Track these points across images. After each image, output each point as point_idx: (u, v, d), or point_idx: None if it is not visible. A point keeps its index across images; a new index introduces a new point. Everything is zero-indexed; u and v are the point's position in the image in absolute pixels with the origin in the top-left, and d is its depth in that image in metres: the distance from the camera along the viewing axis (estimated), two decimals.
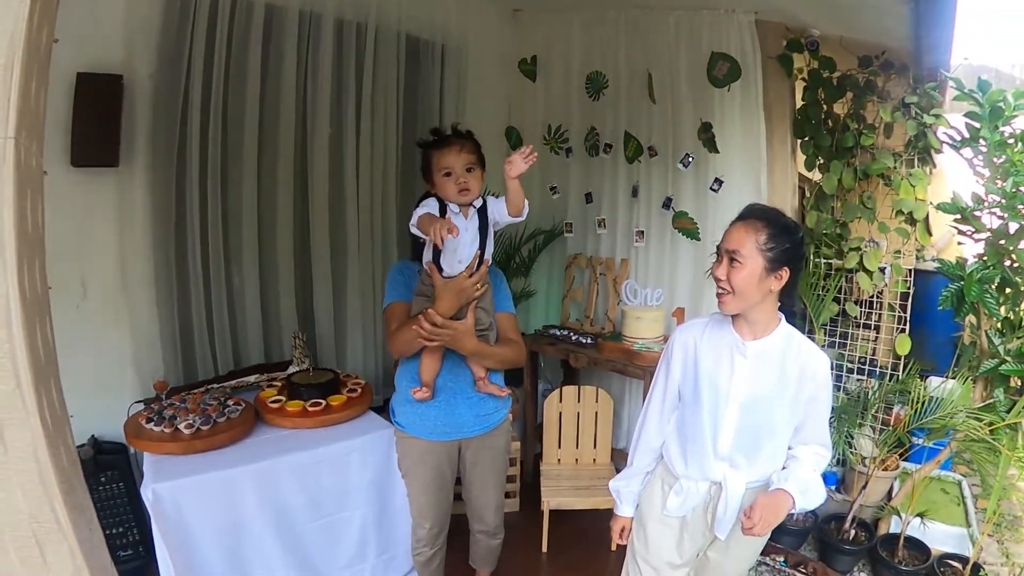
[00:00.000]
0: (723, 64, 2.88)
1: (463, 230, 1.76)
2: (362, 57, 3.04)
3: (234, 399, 2.39)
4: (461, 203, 1.80)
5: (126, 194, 2.44)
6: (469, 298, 1.81)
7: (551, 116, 3.59)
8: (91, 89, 2.24)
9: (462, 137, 1.82)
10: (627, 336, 3.03)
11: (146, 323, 2.54)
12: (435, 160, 1.79)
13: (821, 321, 2.88)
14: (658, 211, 3.23)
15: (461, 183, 1.77)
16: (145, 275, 2.52)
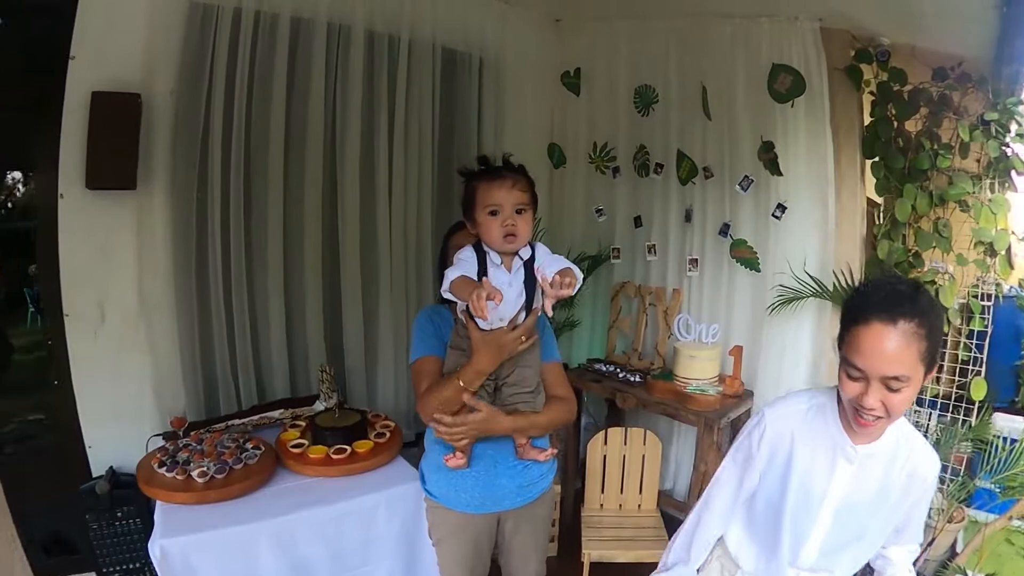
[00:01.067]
0: (785, 77, 2.72)
1: (505, 285, 1.57)
2: (394, 71, 2.96)
3: (254, 440, 2.30)
4: (505, 251, 1.60)
5: (144, 218, 2.40)
6: (512, 353, 1.63)
7: (597, 132, 3.48)
8: (107, 108, 2.21)
9: (515, 171, 1.62)
10: (679, 376, 2.87)
11: (166, 352, 2.50)
12: (480, 194, 1.59)
13: None
14: (714, 238, 3.07)
15: (508, 226, 1.56)
16: (165, 302, 2.48)
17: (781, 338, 2.85)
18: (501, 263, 1.60)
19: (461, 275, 1.56)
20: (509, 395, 1.69)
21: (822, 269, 2.76)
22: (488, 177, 1.59)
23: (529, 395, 1.70)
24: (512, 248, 1.59)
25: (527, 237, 1.61)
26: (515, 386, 1.68)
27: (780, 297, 2.75)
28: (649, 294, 3.31)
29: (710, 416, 2.65)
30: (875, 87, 2.71)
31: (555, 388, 1.81)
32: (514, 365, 1.67)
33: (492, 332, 1.60)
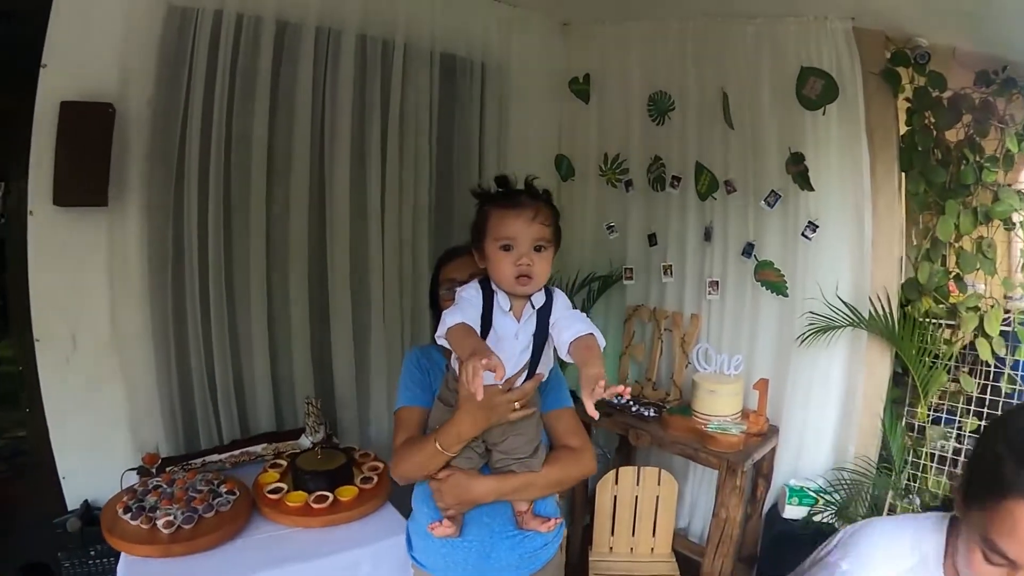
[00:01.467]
0: (816, 81, 2.52)
1: (510, 337, 1.36)
2: (388, 79, 2.80)
3: (229, 483, 2.12)
4: (516, 294, 1.37)
5: (117, 238, 2.27)
6: (503, 420, 1.39)
7: (607, 143, 3.30)
8: (76, 119, 2.09)
9: (537, 199, 1.36)
10: (698, 412, 2.67)
11: (142, 382, 2.37)
12: (493, 223, 1.35)
13: (929, 396, 2.46)
14: (736, 259, 2.88)
15: (523, 265, 1.32)
16: (140, 328, 2.35)
17: (810, 370, 2.65)
18: (510, 309, 1.38)
19: (461, 323, 1.31)
20: (498, 459, 1.46)
21: (856, 294, 2.57)
22: (504, 203, 1.35)
23: (522, 460, 1.46)
24: (525, 292, 1.36)
25: (544, 280, 1.37)
26: (506, 453, 1.45)
27: (812, 326, 2.55)
28: (665, 319, 3.12)
29: (733, 458, 2.44)
30: (911, 93, 2.51)
31: (566, 436, 1.56)
32: (506, 432, 1.43)
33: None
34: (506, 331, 1.36)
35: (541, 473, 1.46)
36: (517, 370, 1.38)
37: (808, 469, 2.71)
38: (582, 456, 1.55)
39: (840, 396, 2.65)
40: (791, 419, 2.71)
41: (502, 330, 1.36)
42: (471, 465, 1.43)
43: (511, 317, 1.37)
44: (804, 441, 2.72)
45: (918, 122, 2.50)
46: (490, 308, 1.37)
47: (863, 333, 2.55)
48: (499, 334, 1.36)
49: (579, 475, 1.58)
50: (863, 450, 2.61)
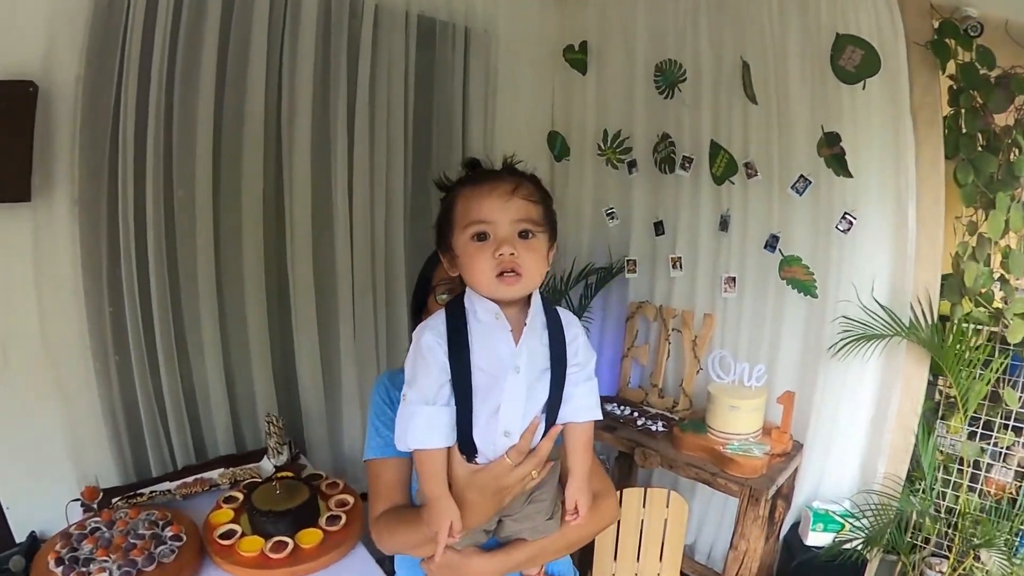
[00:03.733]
0: (854, 51, 2.27)
1: (506, 372, 1.04)
2: (356, 44, 2.56)
3: (175, 525, 1.89)
4: (502, 298, 1.05)
5: (44, 237, 2.04)
6: (518, 495, 1.13)
7: (608, 119, 3.08)
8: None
9: (516, 174, 1.09)
10: (714, 429, 2.46)
11: (81, 399, 2.17)
12: (460, 208, 1.06)
13: (967, 407, 2.28)
14: (757, 252, 2.65)
15: (503, 256, 1.01)
16: (75, 340, 2.15)
17: (841, 382, 2.44)
18: (502, 318, 1.04)
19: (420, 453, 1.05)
20: (509, 530, 1.19)
21: (894, 297, 2.35)
22: (473, 181, 1.07)
23: (537, 527, 1.19)
24: (512, 294, 1.03)
25: (537, 277, 1.05)
26: (523, 520, 1.17)
27: (846, 333, 2.33)
28: (673, 318, 2.90)
29: (757, 485, 2.23)
30: (954, 70, 2.28)
31: None
32: (524, 502, 1.15)
33: (486, 468, 1.08)
34: (499, 362, 1.03)
35: (556, 535, 1.19)
36: (527, 423, 1.06)
37: (832, 490, 2.53)
38: (603, 504, 1.27)
39: (871, 410, 2.46)
40: (817, 436, 2.52)
41: (491, 363, 1.03)
42: (473, 542, 1.16)
43: (505, 337, 1.03)
44: (829, 459, 2.53)
45: (965, 102, 2.26)
46: (463, 338, 1.03)
47: (902, 342, 2.34)
48: (487, 372, 1.03)
49: (602, 528, 1.32)
50: (893, 469, 2.43)
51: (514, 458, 1.05)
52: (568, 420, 1.08)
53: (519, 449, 1.05)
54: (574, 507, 1.10)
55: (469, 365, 1.02)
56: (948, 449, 2.40)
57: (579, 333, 1.11)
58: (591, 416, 1.10)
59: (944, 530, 2.35)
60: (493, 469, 1.06)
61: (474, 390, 1.02)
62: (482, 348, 1.03)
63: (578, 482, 1.10)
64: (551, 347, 1.06)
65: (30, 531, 2.02)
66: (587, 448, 1.12)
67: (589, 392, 1.10)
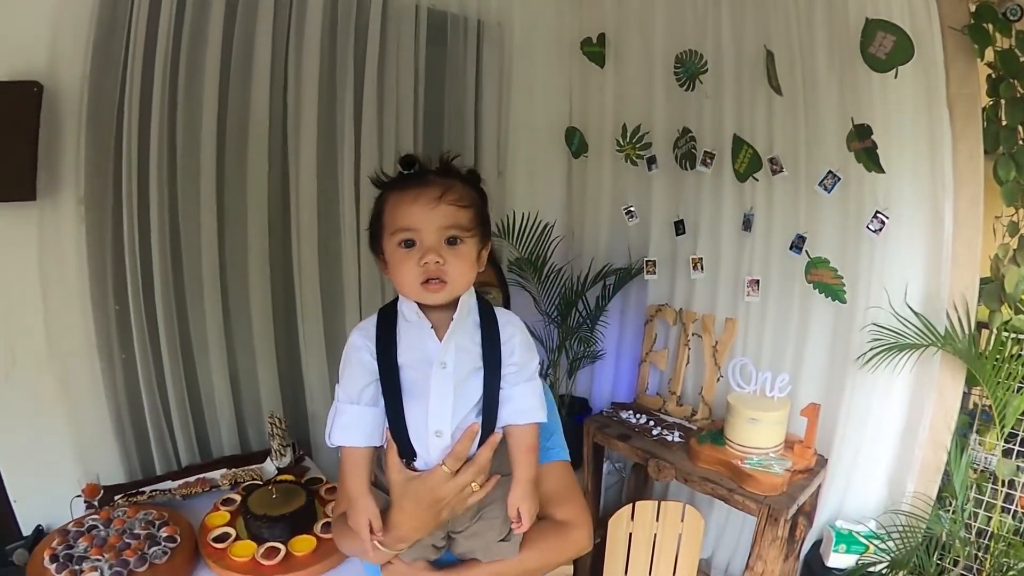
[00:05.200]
0: (885, 37, 2.13)
1: (431, 367, 1.03)
2: (363, 39, 2.53)
3: (170, 527, 1.89)
4: (428, 304, 1.05)
5: (49, 237, 2.07)
6: (459, 511, 1.09)
7: (626, 113, 3.00)
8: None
9: (446, 175, 1.06)
10: (733, 442, 2.35)
11: (86, 401, 2.19)
12: (388, 212, 1.05)
13: (1004, 423, 2.13)
14: (782, 253, 2.54)
15: (428, 264, 1.00)
16: (81, 338, 2.17)
17: (869, 394, 2.31)
18: (422, 316, 1.04)
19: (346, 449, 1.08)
20: (462, 547, 1.14)
21: (929, 303, 2.21)
22: (401, 186, 1.04)
23: (490, 548, 1.14)
24: (436, 300, 1.03)
25: (463, 283, 1.05)
26: (473, 537, 1.13)
27: (877, 341, 2.19)
28: (693, 322, 2.81)
29: (776, 504, 2.11)
30: (992, 58, 2.14)
31: (553, 504, 1.22)
32: (472, 518, 1.12)
33: (421, 477, 1.05)
34: (424, 359, 1.03)
35: (513, 561, 1.14)
36: (459, 423, 1.04)
37: (857, 509, 2.40)
38: (572, 534, 1.21)
39: (901, 424, 2.32)
40: (842, 451, 2.38)
41: (417, 360, 1.03)
42: (421, 556, 1.12)
43: (428, 334, 1.03)
44: (855, 476, 2.40)
45: (1006, 92, 2.11)
46: (391, 339, 1.05)
47: (936, 353, 2.19)
48: (414, 368, 1.03)
49: (566, 559, 1.25)
50: (923, 487, 2.29)
51: (450, 465, 1.03)
52: (508, 422, 1.07)
53: (455, 455, 1.04)
54: (516, 515, 1.08)
55: (396, 363, 1.04)
56: (982, 466, 2.26)
57: (515, 332, 1.09)
58: (532, 418, 1.08)
59: (975, 553, 2.21)
60: (429, 478, 1.04)
61: (404, 389, 1.03)
62: (408, 346, 1.04)
63: (521, 488, 1.08)
64: (483, 345, 1.07)
65: (36, 525, 2.05)
66: (529, 452, 1.09)
67: (530, 393, 1.09)
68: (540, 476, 1.18)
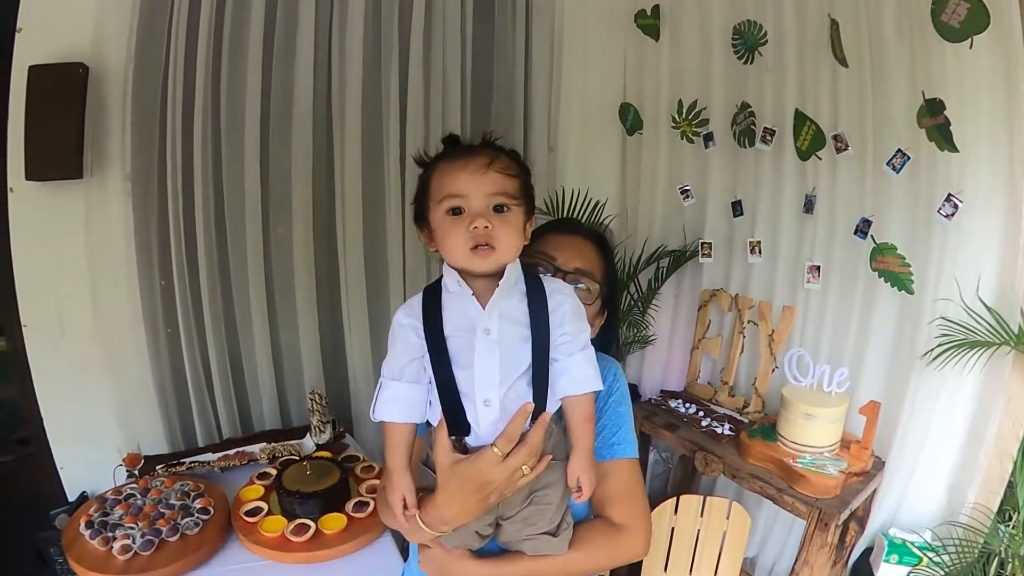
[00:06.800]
0: (959, 4, 1.96)
1: (474, 334, 1.03)
2: (408, 14, 2.55)
3: (204, 498, 1.98)
4: (474, 271, 1.06)
5: (95, 213, 2.20)
6: (508, 494, 1.08)
7: (682, 88, 2.89)
8: (46, 84, 2.03)
9: (493, 148, 1.11)
10: (786, 438, 2.27)
11: (130, 372, 2.33)
12: (435, 183, 1.09)
13: None
14: (846, 238, 2.40)
15: (477, 229, 1.02)
16: (126, 312, 2.30)
17: (935, 394, 2.17)
18: (463, 284, 1.06)
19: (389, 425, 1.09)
20: (508, 534, 1.14)
21: (1002, 297, 2.05)
22: (449, 156, 1.09)
23: (544, 536, 1.13)
24: (485, 268, 1.04)
25: (512, 250, 1.07)
26: (522, 523, 1.12)
27: (946, 337, 2.05)
28: (749, 308, 2.71)
29: (827, 507, 2.03)
30: None
31: (610, 505, 1.21)
32: (523, 502, 1.12)
33: (469, 459, 1.05)
34: (468, 325, 1.03)
35: (559, 559, 1.13)
36: (506, 392, 1.03)
37: (912, 517, 2.28)
38: (626, 539, 1.20)
39: (966, 429, 2.18)
40: (901, 454, 2.26)
41: (461, 328, 1.04)
42: (464, 544, 1.13)
43: (470, 300, 1.04)
44: (912, 482, 2.27)
45: None
46: (437, 310, 1.07)
47: (1009, 351, 2.03)
48: (459, 336, 1.04)
49: (615, 565, 1.23)
50: (984, 499, 2.14)
51: (501, 447, 1.02)
52: (565, 394, 1.07)
53: (506, 436, 1.03)
54: (576, 485, 1.08)
55: (443, 335, 1.05)
56: None
57: (564, 300, 1.09)
58: (588, 387, 1.07)
59: None
60: (477, 461, 1.04)
61: (452, 359, 1.04)
62: (453, 315, 1.05)
63: (580, 457, 1.08)
64: (531, 315, 1.06)
65: (81, 492, 2.18)
66: (587, 421, 1.09)
67: (585, 362, 1.07)
68: (602, 473, 1.18)
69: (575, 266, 1.28)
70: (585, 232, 1.37)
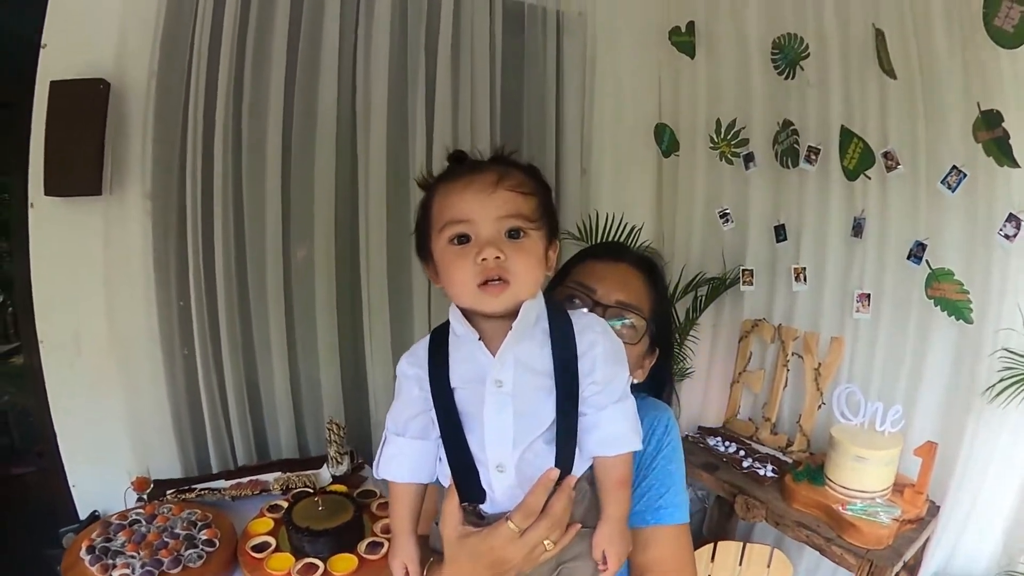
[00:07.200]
0: (1012, 7, 1.86)
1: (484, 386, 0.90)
2: (435, 30, 2.54)
3: (211, 529, 1.92)
4: (484, 311, 0.92)
5: (114, 231, 2.22)
6: (521, 574, 0.94)
7: (720, 106, 2.83)
8: (66, 100, 2.06)
9: (503, 163, 0.96)
10: (834, 483, 2.13)
11: (145, 393, 2.32)
12: (436, 207, 0.95)
13: None
14: (899, 264, 2.28)
15: (487, 261, 0.88)
16: (145, 331, 2.30)
17: (994, 433, 2.01)
18: (467, 325, 0.92)
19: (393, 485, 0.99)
20: None
21: None
22: (452, 175, 0.94)
23: None
24: (496, 308, 0.90)
25: (531, 284, 0.92)
26: None
27: (1009, 371, 1.90)
28: (794, 340, 2.58)
29: (879, 559, 1.88)
30: None
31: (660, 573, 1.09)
32: (551, 572, 0.97)
33: (480, 533, 0.92)
34: (475, 376, 0.91)
35: None
36: (522, 455, 0.90)
37: (966, 567, 2.13)
38: None
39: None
40: (958, 500, 2.10)
41: (467, 380, 0.91)
42: None
43: (477, 346, 0.91)
44: (968, 529, 2.11)
45: None
46: (443, 359, 0.94)
47: None
48: (466, 388, 0.92)
49: None
50: None
51: (518, 522, 0.88)
52: (595, 454, 0.93)
53: (525, 510, 0.88)
54: (602, 557, 0.93)
55: (449, 387, 0.92)
56: None
57: (597, 341, 0.92)
58: (622, 448, 0.93)
59: None
60: (490, 536, 0.90)
61: (461, 416, 0.91)
62: (460, 363, 0.93)
63: (609, 527, 0.93)
64: (556, 359, 0.90)
65: (92, 511, 2.16)
66: (621, 486, 0.94)
67: (620, 416, 0.92)
68: (645, 541, 1.07)
69: (618, 299, 1.15)
70: (631, 258, 1.24)
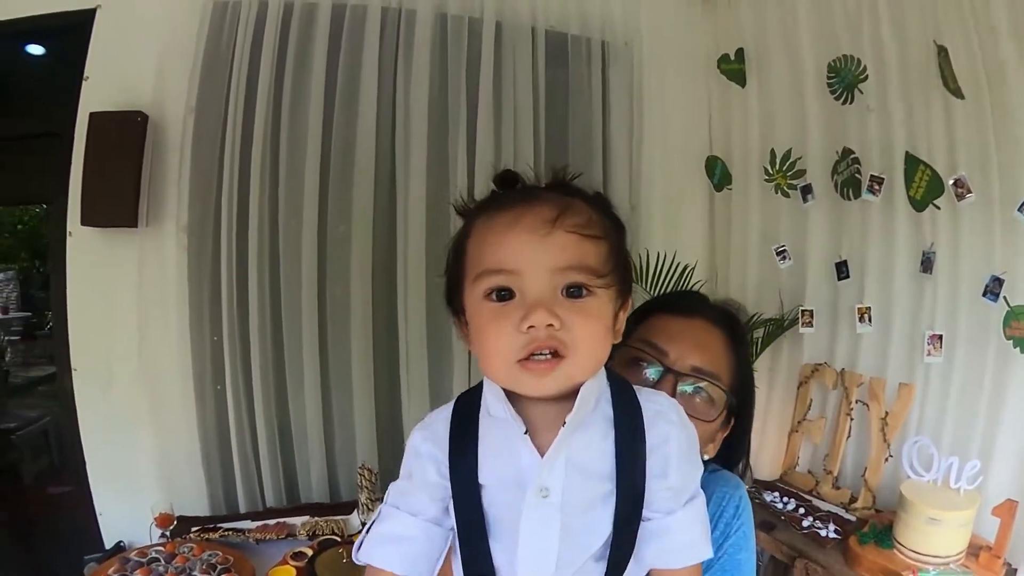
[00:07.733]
0: None
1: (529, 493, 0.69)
2: (476, 63, 2.57)
3: (230, 574, 1.89)
4: (527, 394, 0.71)
5: (148, 263, 2.32)
6: None
7: (774, 136, 2.74)
8: (104, 131, 2.17)
9: (563, 192, 0.74)
10: (904, 546, 1.95)
11: (177, 425, 2.39)
12: (472, 248, 0.73)
13: None
14: (973, 301, 2.12)
15: (534, 328, 0.67)
16: (177, 365, 2.37)
17: None
18: (511, 411, 0.72)
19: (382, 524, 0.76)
20: None
21: None
22: (495, 206, 0.72)
23: None
24: (543, 388, 0.69)
25: (593, 361, 0.72)
26: None
27: None
28: (858, 386, 2.41)
29: None
30: None
31: None
32: None
33: None
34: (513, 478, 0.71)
35: None
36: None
37: None
38: None
39: None
40: None
41: (501, 481, 0.72)
42: None
43: (522, 441, 0.71)
44: None
45: None
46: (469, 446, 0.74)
47: None
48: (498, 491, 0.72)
49: None
50: None
51: None
52: (656, 566, 0.74)
53: None
54: None
55: (476, 481, 0.72)
56: None
57: (672, 433, 0.74)
58: (692, 558, 0.74)
59: None
60: None
61: (488, 519, 0.72)
62: (493, 454, 0.73)
63: None
64: (619, 456, 0.71)
65: (118, 541, 2.20)
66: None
67: (691, 521, 0.74)
68: None
69: (693, 364, 0.96)
70: (710, 313, 1.05)
